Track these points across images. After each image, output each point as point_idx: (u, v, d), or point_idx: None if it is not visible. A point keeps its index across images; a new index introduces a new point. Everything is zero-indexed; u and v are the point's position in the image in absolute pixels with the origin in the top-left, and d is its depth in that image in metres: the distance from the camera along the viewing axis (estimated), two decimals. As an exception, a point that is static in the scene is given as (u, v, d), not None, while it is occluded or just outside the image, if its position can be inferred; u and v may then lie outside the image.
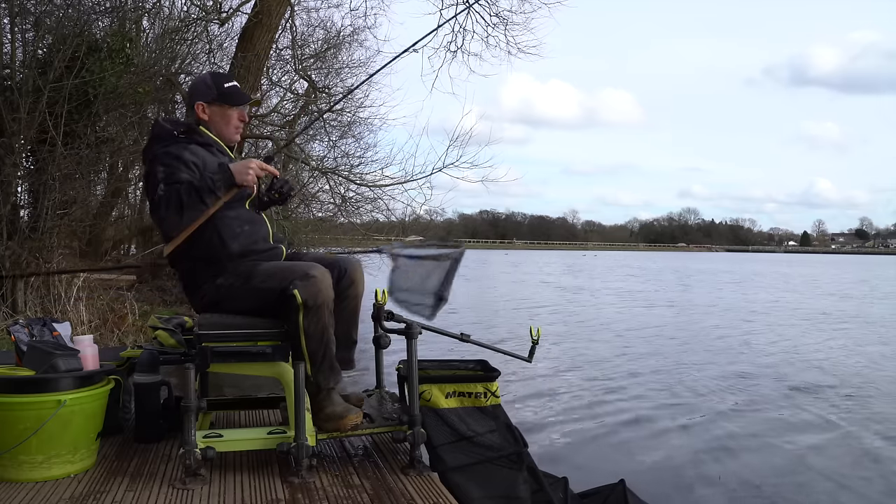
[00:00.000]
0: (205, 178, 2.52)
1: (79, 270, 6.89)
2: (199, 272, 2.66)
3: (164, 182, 2.51)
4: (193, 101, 2.75)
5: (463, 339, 3.11)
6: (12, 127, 6.50)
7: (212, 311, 2.67)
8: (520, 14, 11.06)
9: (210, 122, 2.74)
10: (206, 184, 2.49)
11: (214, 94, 2.74)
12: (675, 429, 5.61)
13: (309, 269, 2.57)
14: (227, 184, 2.53)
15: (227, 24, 10.47)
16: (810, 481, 4.45)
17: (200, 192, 2.48)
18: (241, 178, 2.54)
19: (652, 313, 14.88)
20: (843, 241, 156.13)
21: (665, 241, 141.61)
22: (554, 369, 7.98)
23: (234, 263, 2.63)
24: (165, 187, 2.50)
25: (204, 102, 2.73)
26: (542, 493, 2.88)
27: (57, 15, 7.50)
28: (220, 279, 2.62)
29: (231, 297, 2.62)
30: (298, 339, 2.56)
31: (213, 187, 2.50)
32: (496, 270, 35.25)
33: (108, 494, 2.41)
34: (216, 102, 2.74)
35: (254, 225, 2.73)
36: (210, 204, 2.51)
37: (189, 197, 2.47)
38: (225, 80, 2.80)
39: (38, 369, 2.59)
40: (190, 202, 2.47)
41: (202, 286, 2.66)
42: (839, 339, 11.11)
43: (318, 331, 2.56)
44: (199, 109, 2.73)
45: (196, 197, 2.48)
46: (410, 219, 12.54)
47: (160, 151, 2.60)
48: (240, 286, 2.61)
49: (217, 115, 2.75)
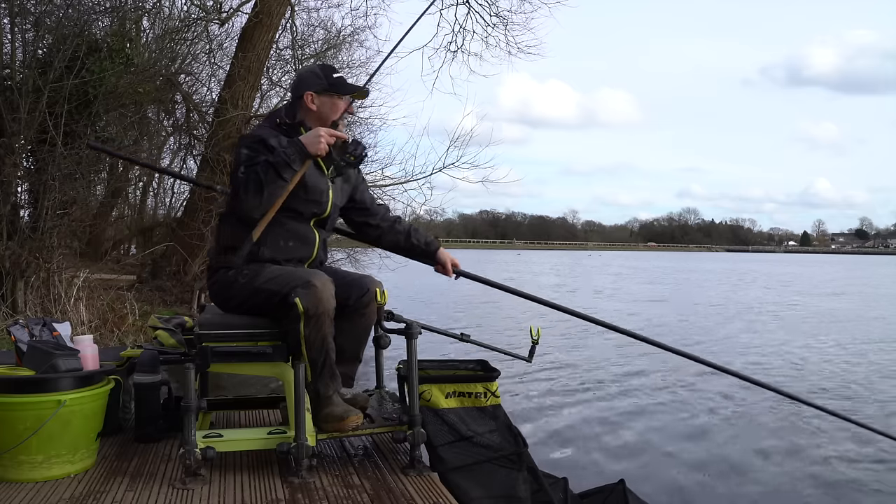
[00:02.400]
0: (278, 153, 2.54)
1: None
2: (218, 256, 2.72)
3: (244, 164, 2.54)
4: (302, 90, 2.74)
5: (463, 339, 3.11)
6: (12, 127, 6.50)
7: (219, 298, 2.70)
8: (520, 14, 11.09)
9: (318, 113, 2.73)
10: (281, 158, 2.52)
11: (325, 83, 2.74)
12: (675, 429, 5.62)
13: (311, 278, 2.55)
14: (301, 156, 2.55)
15: (227, 24, 10.47)
16: (810, 481, 4.45)
17: (277, 168, 2.50)
18: (313, 148, 2.56)
19: (652, 313, 14.88)
20: (843, 241, 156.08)
21: (665, 240, 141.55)
22: (554, 369, 7.98)
23: (256, 265, 2.63)
24: (245, 169, 2.52)
25: (314, 92, 2.73)
26: (542, 493, 2.88)
27: (57, 15, 7.50)
28: (233, 271, 2.64)
29: (235, 292, 2.64)
30: (299, 347, 2.56)
31: (289, 160, 2.52)
32: (520, 271, 35.25)
33: (108, 494, 2.41)
34: (326, 92, 2.74)
35: (301, 245, 2.73)
36: (288, 179, 2.53)
37: (266, 174, 2.49)
38: (333, 71, 2.82)
39: (38, 369, 2.59)
40: (268, 179, 2.49)
41: (218, 271, 2.71)
42: (842, 343, 11.11)
43: (319, 339, 2.56)
44: (308, 99, 2.72)
45: (274, 173, 2.49)
46: (410, 219, 12.55)
47: (251, 134, 2.67)
48: (244, 283, 2.62)
49: (326, 105, 2.73)
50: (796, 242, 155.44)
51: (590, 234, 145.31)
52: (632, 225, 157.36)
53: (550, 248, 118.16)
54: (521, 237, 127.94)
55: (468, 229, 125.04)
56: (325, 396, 2.64)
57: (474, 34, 11.30)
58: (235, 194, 2.56)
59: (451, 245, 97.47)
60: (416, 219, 12.75)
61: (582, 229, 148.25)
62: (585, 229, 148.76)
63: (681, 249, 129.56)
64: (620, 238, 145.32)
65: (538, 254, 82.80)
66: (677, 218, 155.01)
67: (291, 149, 2.55)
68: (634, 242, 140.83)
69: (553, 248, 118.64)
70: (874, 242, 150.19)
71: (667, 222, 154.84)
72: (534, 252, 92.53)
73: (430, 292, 18.30)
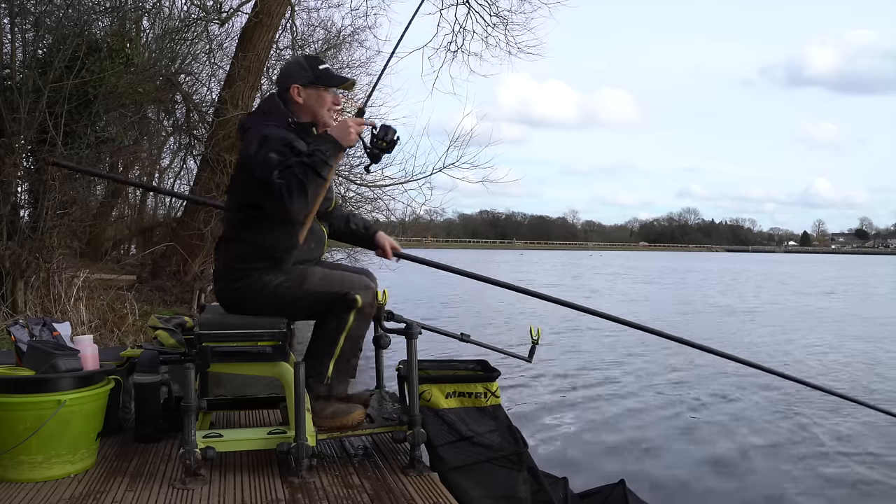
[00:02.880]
0: (314, 153, 2.51)
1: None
2: (249, 259, 2.63)
3: (278, 169, 2.48)
4: (288, 83, 2.69)
5: (463, 339, 3.11)
6: (12, 127, 6.49)
7: (246, 302, 2.64)
8: (520, 14, 11.09)
9: (305, 106, 2.69)
10: (318, 157, 2.49)
11: (311, 75, 2.69)
12: (675, 429, 5.62)
13: (368, 280, 2.72)
14: (335, 150, 2.54)
15: (227, 24, 10.47)
16: (809, 480, 4.45)
17: (316, 168, 2.48)
18: (345, 140, 2.56)
19: (653, 313, 14.88)
20: (843, 241, 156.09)
21: (665, 240, 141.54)
22: (554, 369, 7.98)
23: (287, 266, 2.64)
24: (280, 174, 2.47)
25: (300, 85, 2.68)
26: (542, 493, 2.88)
27: (57, 15, 7.50)
28: (270, 276, 2.61)
29: (272, 296, 2.62)
30: (337, 336, 2.61)
31: (326, 158, 2.50)
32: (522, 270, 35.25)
33: (108, 494, 2.41)
34: (312, 85, 2.69)
35: (318, 243, 2.76)
36: (326, 176, 2.53)
37: (306, 176, 2.46)
38: (319, 62, 2.77)
39: (38, 369, 2.59)
40: (309, 180, 2.46)
41: (248, 276, 2.62)
42: (843, 341, 11.12)
43: (358, 335, 2.67)
44: (295, 92, 2.67)
45: (314, 174, 2.47)
46: (410, 219, 12.57)
47: (274, 135, 2.56)
48: (289, 287, 2.62)
49: (313, 98, 2.69)
50: (796, 242, 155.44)
51: (590, 234, 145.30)
52: (632, 225, 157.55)
53: (550, 248, 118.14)
54: (521, 237, 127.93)
55: (468, 229, 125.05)
56: (337, 392, 2.68)
57: (474, 34, 11.31)
58: (279, 199, 2.48)
59: (452, 245, 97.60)
60: (417, 219, 12.76)
61: (582, 229, 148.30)
62: (585, 229, 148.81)
63: (681, 249, 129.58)
64: (620, 238, 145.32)
65: (540, 254, 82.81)
66: (677, 218, 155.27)
67: (325, 145, 2.53)
68: (634, 242, 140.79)
69: (553, 248, 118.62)
70: (874, 242, 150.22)
71: (667, 222, 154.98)
72: (536, 252, 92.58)
73: (431, 292, 18.31)
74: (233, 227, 2.71)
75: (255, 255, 2.63)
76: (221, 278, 2.72)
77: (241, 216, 2.66)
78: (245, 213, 2.63)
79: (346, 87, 2.82)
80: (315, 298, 2.62)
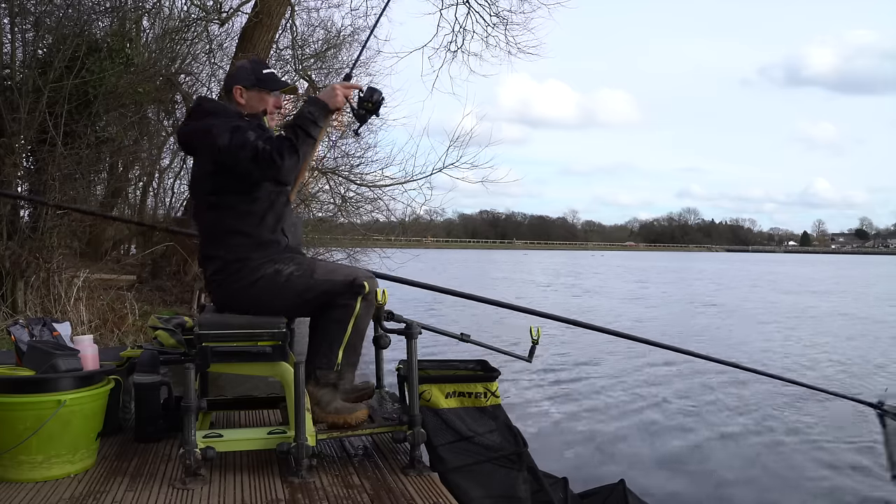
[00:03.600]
0: (302, 115, 2.61)
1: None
2: (251, 252, 2.66)
3: (259, 140, 2.56)
4: (232, 84, 2.82)
5: (463, 339, 3.11)
6: (12, 127, 6.50)
7: (262, 293, 2.64)
8: (519, 14, 11.09)
9: (246, 106, 2.80)
10: (308, 117, 2.60)
11: (253, 79, 2.81)
12: (675, 429, 5.62)
13: (370, 273, 2.82)
14: (324, 111, 2.65)
15: (227, 24, 10.47)
16: (810, 479, 4.45)
17: (305, 127, 2.58)
18: (333, 102, 2.67)
19: (654, 312, 14.89)
20: (843, 241, 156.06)
21: (665, 241, 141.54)
22: (554, 369, 7.99)
23: (290, 255, 2.73)
24: (264, 143, 2.55)
25: (242, 87, 2.80)
26: (542, 493, 2.88)
27: (57, 15, 7.50)
28: (280, 265, 2.67)
29: (284, 288, 2.65)
30: (345, 325, 2.66)
31: (314, 118, 2.61)
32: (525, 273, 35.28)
33: (108, 494, 2.41)
34: (254, 87, 2.80)
35: (297, 227, 2.88)
36: (316, 136, 2.64)
37: (296, 136, 2.56)
38: (263, 66, 2.90)
39: (38, 369, 2.59)
40: (300, 139, 2.56)
41: (259, 269, 2.66)
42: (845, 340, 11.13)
43: (365, 323, 2.73)
44: (237, 93, 2.79)
45: (304, 133, 2.57)
46: (410, 219, 12.56)
47: (243, 123, 2.66)
48: (299, 276, 2.67)
49: (254, 100, 2.80)
50: (796, 242, 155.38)
51: (590, 234, 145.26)
52: (632, 225, 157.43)
53: (551, 248, 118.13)
54: (521, 237, 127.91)
55: (468, 229, 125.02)
56: (345, 379, 2.72)
57: (474, 34, 11.31)
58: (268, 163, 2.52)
59: (452, 245, 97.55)
60: (417, 219, 12.75)
61: (582, 229, 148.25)
62: (585, 229, 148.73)
63: (681, 249, 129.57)
64: (620, 238, 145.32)
65: (543, 254, 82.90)
66: (677, 218, 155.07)
67: (313, 107, 2.63)
68: (634, 242, 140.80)
69: (553, 248, 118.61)
70: (874, 242, 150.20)
71: (667, 222, 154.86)
72: (538, 252, 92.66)
73: (431, 293, 18.27)
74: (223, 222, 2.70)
75: (254, 246, 2.67)
76: (230, 272, 2.68)
77: (228, 213, 2.68)
78: (230, 209, 2.68)
79: (287, 92, 2.98)
80: (325, 288, 2.68)
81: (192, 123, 2.81)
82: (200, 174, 2.76)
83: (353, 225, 11.97)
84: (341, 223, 11.99)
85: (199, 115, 2.78)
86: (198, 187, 2.79)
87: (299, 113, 2.63)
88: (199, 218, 2.81)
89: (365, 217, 12.04)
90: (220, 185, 2.68)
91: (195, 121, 2.78)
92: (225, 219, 2.71)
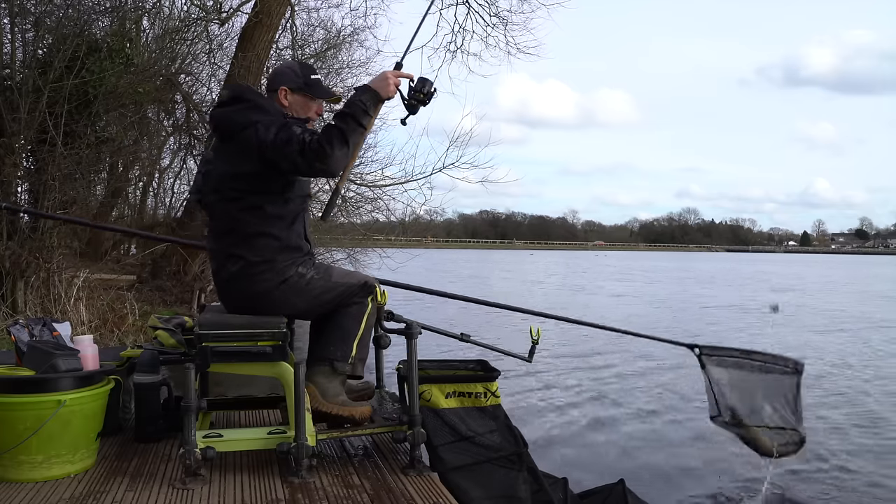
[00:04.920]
0: (353, 103, 2.56)
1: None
2: (277, 254, 2.64)
3: (305, 133, 2.52)
4: (277, 84, 2.76)
5: (463, 339, 3.11)
6: (12, 127, 6.49)
7: (286, 295, 2.66)
8: (519, 14, 11.08)
9: (290, 109, 2.75)
10: (359, 107, 2.55)
11: (301, 82, 2.76)
12: (674, 429, 5.62)
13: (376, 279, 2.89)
14: (375, 100, 2.60)
15: (227, 24, 10.46)
16: (810, 479, 4.45)
17: (357, 117, 2.54)
18: (384, 91, 2.63)
19: (654, 312, 14.89)
20: (843, 241, 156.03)
21: (665, 240, 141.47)
22: (554, 369, 7.98)
23: (310, 259, 2.75)
24: (311, 136, 2.51)
25: (288, 88, 2.74)
26: (542, 493, 2.88)
27: (57, 15, 7.49)
28: (302, 268, 2.69)
29: (306, 291, 2.68)
30: (360, 320, 2.70)
31: (366, 108, 2.56)
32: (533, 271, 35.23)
33: (108, 494, 2.41)
34: (300, 91, 2.75)
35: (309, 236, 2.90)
36: (367, 125, 2.59)
37: (347, 125, 2.52)
38: (312, 71, 2.84)
39: (38, 369, 2.59)
40: (350, 129, 2.52)
41: (285, 271, 2.65)
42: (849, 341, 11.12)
43: (373, 322, 2.78)
44: (282, 94, 2.74)
45: (354, 122, 2.53)
46: (410, 219, 12.56)
47: (283, 121, 2.60)
48: (318, 278, 2.71)
49: (298, 104, 2.76)
50: (796, 242, 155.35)
51: (590, 234, 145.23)
52: (632, 225, 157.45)
53: (551, 248, 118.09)
54: (521, 237, 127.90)
55: (468, 229, 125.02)
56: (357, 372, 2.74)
57: (474, 34, 11.29)
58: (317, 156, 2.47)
59: (452, 245, 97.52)
60: (417, 219, 12.74)
61: (582, 229, 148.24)
62: (585, 229, 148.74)
63: (681, 249, 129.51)
64: (620, 238, 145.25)
65: (548, 254, 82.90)
66: (677, 218, 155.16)
67: (365, 95, 2.58)
68: (634, 242, 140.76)
69: (553, 248, 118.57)
70: (874, 242, 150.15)
71: (667, 222, 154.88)
72: (543, 252, 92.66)
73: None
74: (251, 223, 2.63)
75: (281, 249, 2.66)
76: (254, 273, 2.64)
77: (257, 213, 2.63)
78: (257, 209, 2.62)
79: (332, 101, 2.94)
80: (341, 290, 2.72)
81: (231, 110, 2.67)
82: (232, 170, 2.62)
83: (353, 225, 11.97)
84: (341, 223, 11.99)
85: (242, 105, 2.66)
86: (225, 183, 2.65)
87: (350, 101, 2.57)
88: (219, 213, 2.70)
89: (365, 217, 12.04)
90: (254, 185, 2.59)
91: (236, 108, 2.65)
92: (253, 219, 2.62)
